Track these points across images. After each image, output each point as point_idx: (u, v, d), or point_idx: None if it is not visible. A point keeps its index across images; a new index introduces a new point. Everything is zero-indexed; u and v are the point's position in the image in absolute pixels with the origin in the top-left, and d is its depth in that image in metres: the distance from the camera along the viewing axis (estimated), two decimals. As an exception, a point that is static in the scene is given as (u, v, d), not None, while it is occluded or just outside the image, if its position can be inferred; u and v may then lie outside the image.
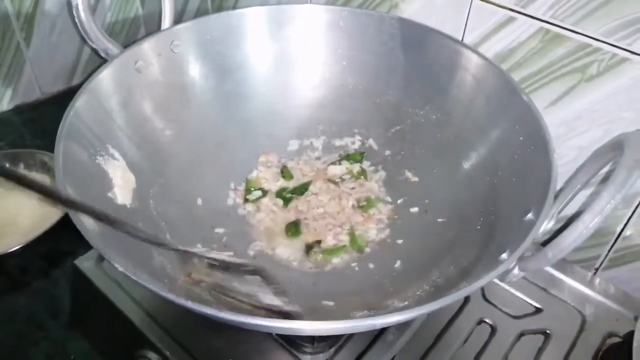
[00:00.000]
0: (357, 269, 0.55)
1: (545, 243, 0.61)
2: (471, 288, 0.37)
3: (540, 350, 0.53)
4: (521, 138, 0.52)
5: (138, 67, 0.56)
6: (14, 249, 0.58)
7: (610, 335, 0.55)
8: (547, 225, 0.42)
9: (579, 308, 0.57)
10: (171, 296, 0.35)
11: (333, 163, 0.65)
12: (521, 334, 0.55)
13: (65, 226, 0.59)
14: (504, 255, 0.40)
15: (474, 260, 0.47)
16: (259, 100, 0.66)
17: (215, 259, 0.47)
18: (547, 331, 0.55)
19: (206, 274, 0.46)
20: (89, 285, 0.56)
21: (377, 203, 0.60)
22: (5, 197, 0.64)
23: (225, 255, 0.48)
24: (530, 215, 0.43)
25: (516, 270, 0.39)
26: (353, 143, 0.67)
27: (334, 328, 0.38)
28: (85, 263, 0.58)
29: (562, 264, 0.60)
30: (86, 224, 0.40)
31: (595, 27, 0.51)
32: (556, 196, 0.44)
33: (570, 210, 0.59)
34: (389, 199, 0.62)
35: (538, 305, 0.57)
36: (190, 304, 0.35)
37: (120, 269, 0.37)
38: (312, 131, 0.67)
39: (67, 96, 0.49)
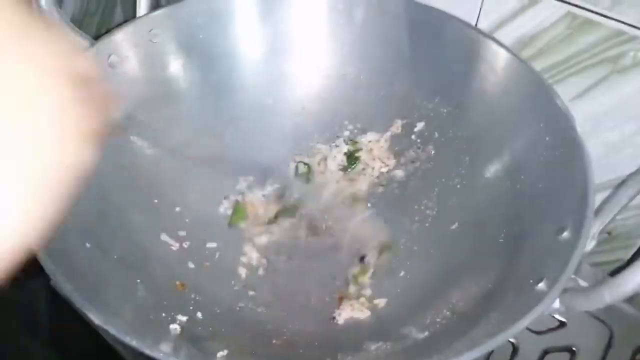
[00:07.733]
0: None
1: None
2: (513, 330, 0.32)
3: (567, 370, 0.49)
4: (547, 138, 0.46)
5: (111, 62, 0.49)
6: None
7: (641, 350, 0.51)
8: (588, 246, 0.37)
9: (606, 321, 0.53)
10: (155, 353, 0.30)
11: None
12: (545, 352, 0.50)
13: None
14: (542, 285, 0.35)
15: (500, 281, 0.42)
16: (249, 94, 0.59)
17: None
18: (573, 348, 0.50)
19: None
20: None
21: None
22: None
23: None
24: (566, 234, 0.38)
25: (557, 304, 0.34)
26: (353, 138, 0.60)
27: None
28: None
29: (585, 271, 0.55)
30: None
31: (632, 12, 0.45)
32: (597, 211, 0.38)
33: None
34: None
35: (562, 319, 0.52)
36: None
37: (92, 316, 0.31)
38: (309, 126, 0.61)
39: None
